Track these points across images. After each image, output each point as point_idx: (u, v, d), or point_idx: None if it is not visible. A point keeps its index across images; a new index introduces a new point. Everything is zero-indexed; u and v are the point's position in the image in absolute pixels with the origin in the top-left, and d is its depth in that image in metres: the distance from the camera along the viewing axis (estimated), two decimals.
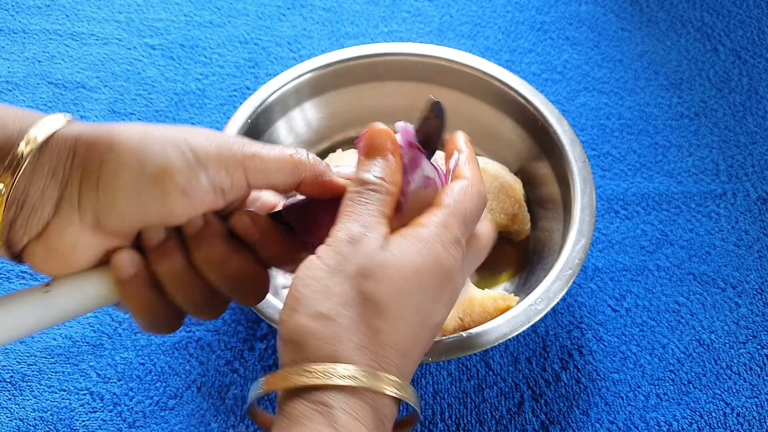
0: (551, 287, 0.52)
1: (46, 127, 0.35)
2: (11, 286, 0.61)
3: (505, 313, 0.52)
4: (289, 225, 0.41)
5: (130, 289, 0.38)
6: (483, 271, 0.61)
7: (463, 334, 0.50)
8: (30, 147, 0.35)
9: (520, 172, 0.64)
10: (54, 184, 0.35)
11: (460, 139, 0.42)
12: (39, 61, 0.76)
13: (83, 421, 0.55)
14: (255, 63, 0.77)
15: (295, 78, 0.64)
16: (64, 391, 0.56)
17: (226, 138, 0.38)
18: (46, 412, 0.55)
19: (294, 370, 0.33)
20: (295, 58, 0.77)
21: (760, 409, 0.56)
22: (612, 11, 0.81)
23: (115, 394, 0.56)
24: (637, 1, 0.82)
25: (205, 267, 0.38)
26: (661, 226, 0.65)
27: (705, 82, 0.75)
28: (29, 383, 0.56)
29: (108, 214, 0.36)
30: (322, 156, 0.65)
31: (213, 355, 0.58)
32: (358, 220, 0.36)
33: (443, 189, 0.39)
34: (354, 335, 0.34)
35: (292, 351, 0.34)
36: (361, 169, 0.38)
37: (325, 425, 0.32)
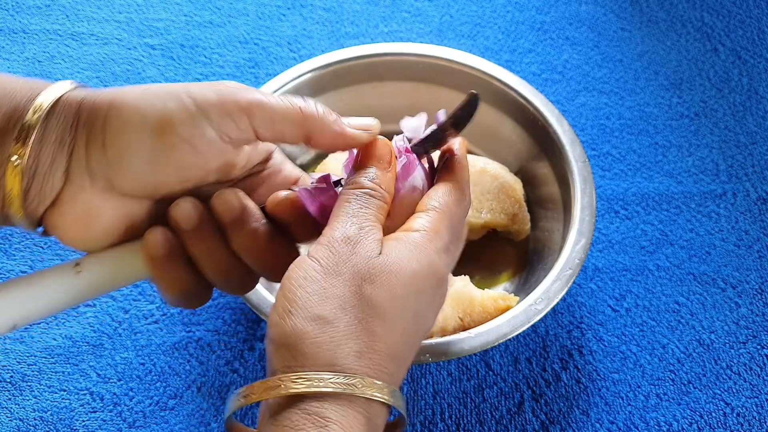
0: (551, 287, 0.52)
1: (52, 93, 0.35)
2: None
3: (505, 313, 0.52)
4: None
5: (162, 266, 0.37)
6: (483, 271, 0.61)
7: (463, 334, 0.50)
8: (37, 115, 0.34)
9: (520, 172, 0.64)
10: (62, 151, 0.35)
11: (455, 142, 0.41)
12: (39, 61, 0.76)
13: (83, 421, 0.55)
14: (255, 63, 0.77)
15: (295, 78, 0.64)
16: (64, 391, 0.56)
17: (228, 84, 0.37)
18: (46, 412, 0.55)
19: (289, 378, 0.32)
20: (295, 58, 0.77)
21: (760, 409, 0.56)
22: (612, 11, 0.81)
23: (115, 394, 0.56)
24: (637, 1, 0.82)
25: (244, 251, 0.38)
26: (661, 226, 0.65)
27: (705, 82, 0.75)
28: (29, 383, 0.56)
29: (119, 175, 0.36)
30: (321, 156, 0.65)
31: (213, 355, 0.58)
32: (355, 222, 0.36)
33: (428, 193, 0.39)
34: (352, 340, 0.33)
35: (287, 356, 0.33)
36: (360, 174, 0.38)
37: None
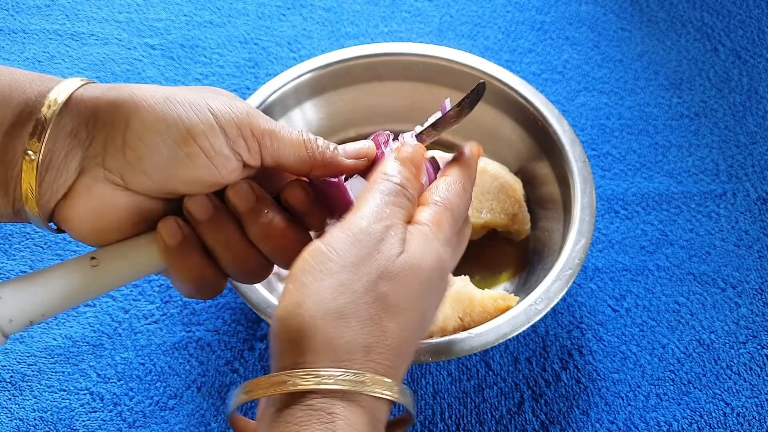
0: (551, 287, 0.52)
1: (66, 88, 0.35)
2: None
3: (505, 313, 0.52)
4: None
5: (177, 256, 0.38)
6: (483, 271, 0.61)
7: (463, 334, 0.50)
8: (52, 110, 0.35)
9: (520, 172, 0.64)
10: (77, 146, 0.35)
11: (467, 144, 0.42)
12: (39, 61, 0.76)
13: (83, 421, 0.55)
14: (255, 63, 0.77)
15: (295, 78, 0.64)
16: (64, 391, 0.56)
17: (247, 109, 0.38)
18: (46, 412, 0.55)
19: (297, 374, 0.31)
20: (295, 58, 0.77)
21: (760, 409, 0.56)
22: (612, 11, 0.81)
23: (115, 394, 0.56)
24: (637, 1, 0.82)
25: (262, 239, 0.39)
26: (661, 226, 0.65)
27: (705, 82, 0.75)
28: (29, 383, 0.56)
29: (133, 174, 0.36)
30: None
31: (213, 355, 0.58)
32: (386, 218, 0.35)
33: (429, 187, 0.39)
34: (362, 336, 0.32)
35: (295, 351, 0.32)
36: (400, 173, 0.38)
37: None
